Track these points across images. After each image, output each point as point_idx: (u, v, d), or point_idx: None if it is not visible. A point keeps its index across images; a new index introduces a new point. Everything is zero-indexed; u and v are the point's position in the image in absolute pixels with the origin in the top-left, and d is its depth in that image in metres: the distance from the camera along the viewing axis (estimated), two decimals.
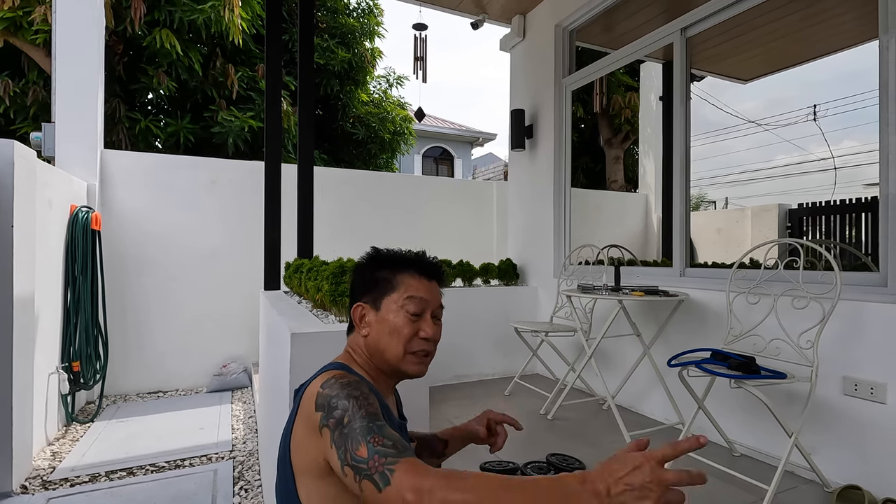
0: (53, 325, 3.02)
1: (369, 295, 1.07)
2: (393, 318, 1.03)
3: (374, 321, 1.05)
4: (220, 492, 2.32)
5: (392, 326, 1.02)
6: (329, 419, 0.85)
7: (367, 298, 1.07)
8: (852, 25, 3.63)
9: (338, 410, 0.85)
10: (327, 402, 0.87)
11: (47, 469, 2.54)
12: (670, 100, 3.07)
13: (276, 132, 3.33)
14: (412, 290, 1.05)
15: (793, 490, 2.11)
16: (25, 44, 5.05)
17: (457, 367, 3.84)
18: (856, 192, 4.02)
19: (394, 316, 1.03)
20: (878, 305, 2.02)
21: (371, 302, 1.06)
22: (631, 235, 5.79)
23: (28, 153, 2.51)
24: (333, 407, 0.86)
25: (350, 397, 0.86)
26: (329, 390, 0.89)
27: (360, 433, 0.80)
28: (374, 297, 1.06)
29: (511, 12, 4.45)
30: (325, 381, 0.91)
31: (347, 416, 0.83)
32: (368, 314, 1.06)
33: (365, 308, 1.07)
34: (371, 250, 1.14)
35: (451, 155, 15.61)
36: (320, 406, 0.88)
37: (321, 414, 0.86)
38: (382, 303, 1.05)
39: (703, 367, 2.08)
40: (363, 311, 1.07)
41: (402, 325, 1.02)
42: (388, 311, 1.04)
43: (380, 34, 8.11)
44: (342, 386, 0.89)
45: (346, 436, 0.81)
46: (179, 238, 4.08)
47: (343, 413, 0.84)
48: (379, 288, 1.06)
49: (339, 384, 0.90)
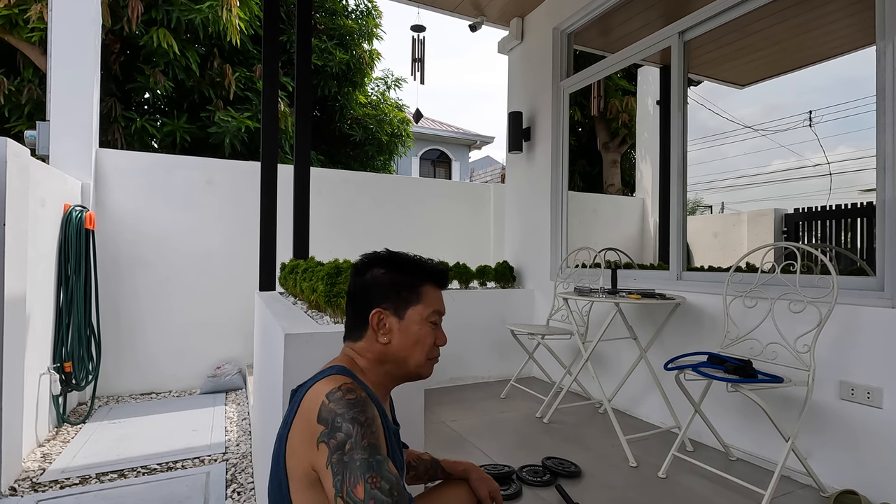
0: (45, 325, 2.98)
1: (390, 302, 1.05)
2: (418, 329, 1.05)
3: (396, 329, 1.04)
4: (213, 494, 2.30)
5: (417, 337, 1.04)
6: (330, 439, 0.83)
7: (387, 305, 1.05)
8: (849, 31, 3.65)
9: (341, 433, 0.83)
10: (331, 419, 0.85)
11: (37, 471, 2.51)
12: (668, 104, 3.08)
13: (272, 133, 3.32)
14: (436, 303, 1.09)
15: (789, 495, 2.10)
16: (21, 42, 5.02)
17: (452, 369, 3.83)
18: (851, 198, 4.03)
19: (419, 328, 1.05)
20: (875, 310, 2.02)
21: (392, 309, 1.05)
22: (628, 239, 5.79)
23: (21, 151, 2.49)
24: (337, 427, 0.84)
25: (355, 422, 0.85)
26: (335, 406, 0.87)
27: (359, 468, 0.79)
28: (397, 306, 1.05)
29: (509, 15, 4.46)
30: (331, 392, 0.89)
31: (350, 444, 0.82)
32: (389, 321, 1.04)
33: (385, 315, 1.05)
34: (385, 252, 1.11)
35: (449, 158, 15.62)
36: (323, 420, 0.86)
37: (323, 429, 0.85)
38: (407, 313, 1.05)
39: (700, 370, 2.07)
40: (383, 317, 1.05)
41: (426, 337, 1.05)
42: (412, 322, 1.04)
43: (378, 36, 8.11)
44: (349, 405, 0.87)
45: (346, 465, 0.80)
46: (174, 238, 4.05)
47: (346, 438, 0.83)
48: (401, 296, 1.05)
49: (346, 402, 0.87)
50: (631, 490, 2.15)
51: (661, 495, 2.10)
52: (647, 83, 6.26)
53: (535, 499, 2.06)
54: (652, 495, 2.10)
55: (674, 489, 2.15)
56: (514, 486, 2.10)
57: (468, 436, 2.76)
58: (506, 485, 2.11)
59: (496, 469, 2.21)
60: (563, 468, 2.28)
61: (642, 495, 2.10)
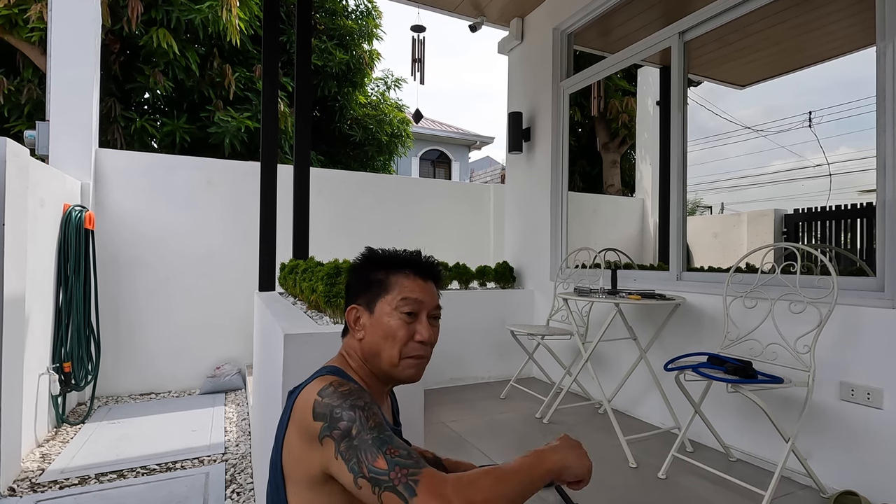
0: (45, 326, 2.98)
1: (363, 297, 1.04)
2: (387, 320, 0.99)
3: (368, 324, 1.02)
4: (212, 495, 2.29)
5: (386, 329, 0.99)
6: (333, 430, 0.82)
7: (361, 300, 1.04)
8: (849, 32, 3.65)
9: (343, 421, 0.82)
10: (329, 412, 0.84)
11: (36, 471, 2.51)
12: (667, 104, 3.08)
13: (272, 133, 3.32)
14: (406, 290, 1.01)
15: (789, 496, 2.10)
16: (21, 41, 5.02)
17: (452, 370, 3.82)
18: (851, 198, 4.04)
19: (388, 318, 0.99)
20: (875, 310, 2.02)
21: (365, 304, 1.03)
22: (628, 239, 5.79)
23: (20, 150, 2.48)
24: (337, 417, 0.83)
25: (355, 407, 0.84)
26: (329, 399, 0.85)
27: (373, 445, 0.79)
28: (369, 300, 1.03)
29: (509, 15, 4.46)
30: (322, 389, 0.88)
31: (356, 428, 0.81)
32: (363, 316, 1.03)
33: (359, 310, 1.04)
34: (365, 250, 1.11)
35: (449, 158, 15.62)
36: (320, 416, 0.84)
37: (322, 424, 0.83)
38: (377, 305, 1.01)
39: (700, 371, 2.07)
40: (357, 313, 1.04)
41: (396, 328, 0.99)
42: (382, 314, 1.00)
43: (378, 36, 8.11)
44: (343, 395, 0.86)
45: (358, 447, 0.79)
46: (174, 238, 4.05)
47: (350, 424, 0.82)
48: (373, 289, 1.03)
49: (338, 393, 0.86)
50: (630, 491, 2.15)
51: (660, 496, 2.10)
52: (647, 83, 6.26)
53: (534, 499, 2.04)
54: (651, 496, 2.10)
55: (673, 490, 2.15)
56: None
57: (468, 436, 2.76)
58: None
59: None
60: None
61: (642, 496, 2.10)
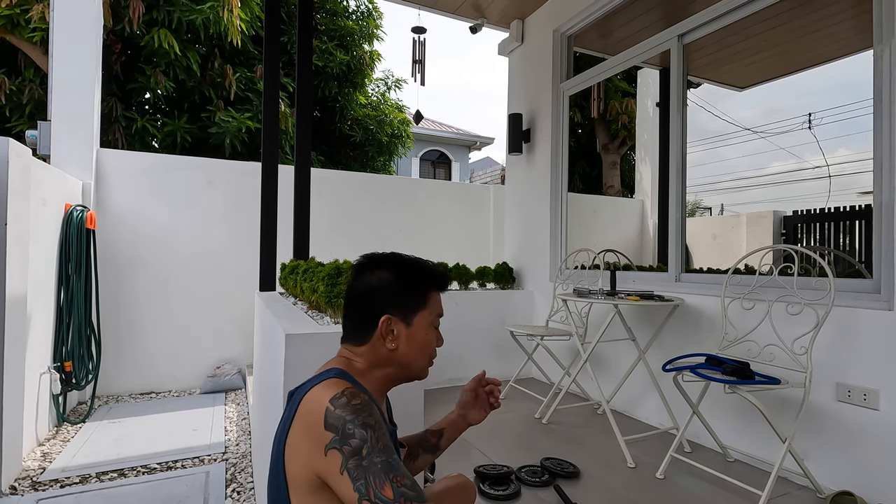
0: (46, 325, 2.99)
1: (399, 308, 1.04)
2: (424, 335, 1.06)
3: (404, 336, 1.04)
4: (212, 494, 2.30)
5: (422, 343, 1.06)
6: (344, 445, 0.84)
7: (396, 311, 1.04)
8: (848, 35, 3.66)
9: (355, 439, 0.84)
10: (342, 426, 0.85)
11: (37, 470, 2.52)
12: (667, 106, 3.09)
13: (273, 133, 3.33)
14: (438, 307, 1.10)
15: (786, 496, 2.11)
16: (22, 41, 5.03)
17: (451, 370, 3.83)
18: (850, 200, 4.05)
19: (424, 334, 1.06)
20: (872, 312, 2.03)
21: (401, 316, 1.04)
22: (627, 240, 5.80)
23: (23, 150, 2.49)
24: (349, 434, 0.84)
25: (367, 426, 0.86)
26: (342, 412, 0.87)
27: (382, 470, 0.82)
28: (406, 312, 1.04)
29: (510, 17, 4.47)
30: (334, 398, 0.89)
31: (366, 448, 0.83)
32: (398, 327, 1.03)
33: (394, 321, 1.03)
34: (389, 255, 1.10)
35: (449, 158, 15.63)
36: (332, 427, 0.86)
37: (333, 436, 0.85)
38: (414, 319, 1.05)
39: (698, 372, 2.08)
40: (392, 324, 1.03)
41: (430, 342, 1.08)
42: (419, 328, 1.05)
43: (378, 37, 8.12)
44: (356, 410, 0.87)
45: (367, 469, 0.82)
46: (175, 238, 4.06)
47: (361, 443, 0.84)
48: (410, 303, 1.05)
49: (351, 406, 0.88)
50: (629, 491, 2.16)
51: (659, 496, 2.11)
52: (647, 85, 6.27)
53: (533, 499, 2.07)
54: (650, 496, 2.11)
55: (672, 490, 2.16)
56: (512, 486, 2.11)
57: (467, 436, 2.77)
58: (504, 485, 2.11)
59: (495, 469, 2.22)
60: (562, 469, 2.29)
61: (640, 496, 2.11)
